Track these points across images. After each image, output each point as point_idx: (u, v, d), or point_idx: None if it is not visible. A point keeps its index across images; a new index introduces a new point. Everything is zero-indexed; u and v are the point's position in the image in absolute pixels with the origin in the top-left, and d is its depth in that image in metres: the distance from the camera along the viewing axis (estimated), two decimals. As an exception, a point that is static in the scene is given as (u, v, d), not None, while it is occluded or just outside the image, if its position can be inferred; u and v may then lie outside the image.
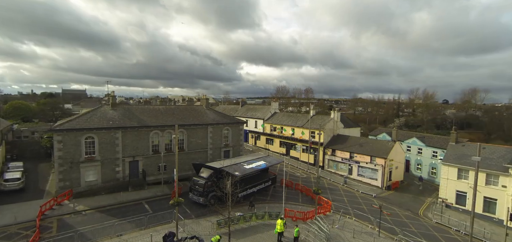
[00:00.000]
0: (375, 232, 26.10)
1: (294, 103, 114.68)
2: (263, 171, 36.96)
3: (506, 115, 79.42)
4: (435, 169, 47.81)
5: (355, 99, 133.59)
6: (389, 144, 44.07)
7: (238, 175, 27.70)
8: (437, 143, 48.61)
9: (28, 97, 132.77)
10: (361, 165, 44.52)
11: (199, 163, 32.18)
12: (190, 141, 37.76)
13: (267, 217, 26.09)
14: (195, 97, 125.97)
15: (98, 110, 33.80)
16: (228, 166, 30.03)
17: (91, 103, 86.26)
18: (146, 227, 23.05)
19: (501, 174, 31.10)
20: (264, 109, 69.92)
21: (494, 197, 31.81)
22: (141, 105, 48.13)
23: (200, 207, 28.26)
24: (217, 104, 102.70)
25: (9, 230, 21.73)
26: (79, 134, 29.48)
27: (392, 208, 34.15)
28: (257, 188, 32.87)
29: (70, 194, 28.41)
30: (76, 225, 23.12)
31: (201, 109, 43.24)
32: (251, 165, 32.39)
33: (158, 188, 32.85)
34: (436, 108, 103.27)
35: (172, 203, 21.63)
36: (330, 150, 49.21)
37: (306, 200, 33.31)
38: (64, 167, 28.84)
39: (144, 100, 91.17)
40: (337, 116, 53.08)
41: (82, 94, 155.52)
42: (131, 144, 32.85)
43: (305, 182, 40.66)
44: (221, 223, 23.36)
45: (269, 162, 35.85)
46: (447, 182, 35.63)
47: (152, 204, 28.58)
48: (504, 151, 33.69)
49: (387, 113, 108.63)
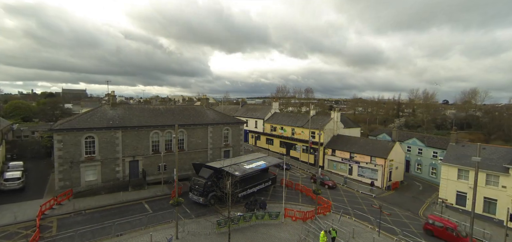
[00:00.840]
0: (375, 232, 26.08)
1: (294, 104, 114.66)
2: (263, 170, 37.02)
3: (506, 115, 79.36)
4: (435, 169, 47.80)
5: (355, 100, 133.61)
6: (389, 144, 44.07)
7: (238, 175, 27.70)
8: (437, 143, 48.61)
9: (28, 96, 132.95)
10: (361, 165, 44.52)
11: (199, 163, 32.17)
12: (190, 140, 37.76)
13: (267, 217, 26.08)
14: (195, 97, 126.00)
15: (98, 110, 33.81)
16: (228, 166, 30.03)
17: (91, 103, 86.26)
18: (146, 227, 23.04)
19: (501, 174, 31.09)
20: (264, 109, 69.95)
21: (494, 197, 31.80)
22: (141, 105, 48.16)
23: (200, 207, 28.26)
24: (217, 104, 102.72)
25: (9, 230, 21.72)
26: (79, 133, 29.48)
27: (392, 208, 34.14)
28: (257, 188, 32.87)
29: (70, 193, 28.41)
30: (76, 224, 23.11)
31: (201, 109, 43.24)
32: (251, 165, 32.41)
33: (158, 187, 32.84)
34: (436, 108, 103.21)
35: (172, 203, 21.68)
36: (330, 150, 49.21)
37: (306, 200, 33.30)
38: (64, 166, 28.83)
39: (144, 100, 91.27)
40: (337, 116, 53.08)
41: (82, 94, 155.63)
42: (131, 144, 32.84)
43: (305, 182, 40.66)
44: (221, 223, 23.36)
45: (269, 162, 35.87)
46: (447, 182, 35.62)
47: (152, 204, 28.57)
48: (504, 151, 33.68)
49: (387, 113, 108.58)
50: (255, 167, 32.58)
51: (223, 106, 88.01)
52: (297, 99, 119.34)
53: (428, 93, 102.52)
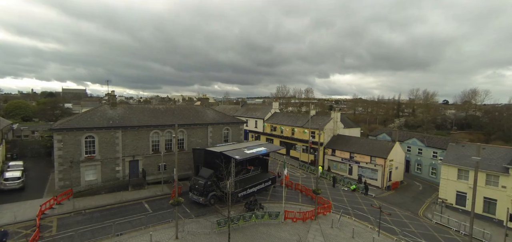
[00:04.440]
0: (375, 232, 26.09)
1: (294, 103, 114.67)
2: (262, 171, 37.16)
3: (506, 115, 79.26)
4: (435, 169, 47.81)
5: (355, 100, 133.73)
6: (389, 144, 44.07)
7: (238, 158, 27.86)
8: (437, 143, 48.62)
9: (28, 96, 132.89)
10: (361, 165, 44.52)
11: (199, 148, 32.51)
12: (190, 140, 37.76)
13: (266, 216, 26.09)
14: (195, 97, 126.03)
15: (98, 110, 33.83)
16: (229, 151, 30.02)
17: (91, 103, 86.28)
18: (146, 226, 23.05)
19: (501, 174, 31.09)
20: (264, 109, 69.94)
21: (494, 197, 31.80)
22: (141, 105, 48.17)
23: (200, 206, 28.27)
24: (217, 104, 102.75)
25: (9, 229, 21.68)
26: (79, 133, 29.48)
27: (392, 208, 34.15)
28: (257, 187, 32.85)
29: (70, 193, 28.42)
30: (76, 224, 23.12)
31: (201, 109, 43.24)
32: (251, 151, 32.23)
33: (158, 187, 32.85)
34: (436, 108, 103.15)
35: (172, 202, 21.69)
36: (330, 150, 49.22)
37: (306, 200, 33.30)
38: (64, 166, 28.85)
39: (144, 100, 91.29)
40: (337, 116, 53.08)
41: (82, 93, 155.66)
42: (131, 144, 32.85)
43: (305, 182, 40.67)
44: (221, 223, 23.37)
45: (269, 148, 36.01)
46: (447, 182, 35.63)
47: (152, 204, 28.58)
48: (504, 151, 33.67)
49: (387, 113, 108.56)
50: (256, 152, 32.44)
51: (223, 106, 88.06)
52: (297, 99, 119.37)
53: (428, 93, 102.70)
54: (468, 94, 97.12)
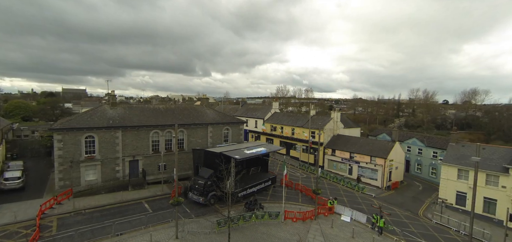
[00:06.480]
0: (375, 232, 26.09)
1: (294, 103, 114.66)
2: (263, 165, 37.21)
3: (506, 115, 79.24)
4: (435, 169, 47.80)
5: (355, 99, 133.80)
6: (389, 144, 44.06)
7: (238, 158, 27.92)
8: (437, 143, 48.60)
9: (28, 96, 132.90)
10: (361, 165, 44.52)
11: (199, 149, 32.49)
12: (190, 140, 37.76)
13: (266, 216, 26.10)
14: (195, 97, 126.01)
15: (98, 110, 33.83)
16: (229, 151, 30.04)
17: (91, 103, 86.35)
18: (146, 226, 23.06)
19: (501, 174, 31.08)
20: (264, 109, 69.94)
21: (494, 197, 31.79)
22: (141, 105, 48.16)
23: (200, 206, 28.27)
24: (217, 104, 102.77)
25: (9, 229, 21.73)
26: (79, 133, 29.48)
27: (392, 208, 34.14)
28: (257, 187, 32.87)
29: (70, 193, 28.42)
30: (76, 224, 23.12)
31: (201, 109, 43.24)
32: (252, 151, 32.32)
33: (158, 187, 32.85)
34: (436, 108, 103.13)
35: (172, 202, 21.69)
36: (330, 150, 49.21)
37: (306, 200, 33.29)
38: (64, 166, 28.85)
39: (144, 100, 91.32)
40: (337, 116, 53.07)
41: (82, 93, 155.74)
42: (131, 143, 32.85)
43: (305, 181, 40.66)
44: (221, 223, 23.37)
45: (269, 149, 36.12)
46: (447, 182, 35.62)
47: (152, 204, 28.58)
48: (504, 151, 33.67)
49: (387, 113, 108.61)
50: (256, 152, 32.53)
51: (223, 106, 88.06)
52: (297, 99, 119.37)
53: (428, 93, 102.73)
54: (468, 94, 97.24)
